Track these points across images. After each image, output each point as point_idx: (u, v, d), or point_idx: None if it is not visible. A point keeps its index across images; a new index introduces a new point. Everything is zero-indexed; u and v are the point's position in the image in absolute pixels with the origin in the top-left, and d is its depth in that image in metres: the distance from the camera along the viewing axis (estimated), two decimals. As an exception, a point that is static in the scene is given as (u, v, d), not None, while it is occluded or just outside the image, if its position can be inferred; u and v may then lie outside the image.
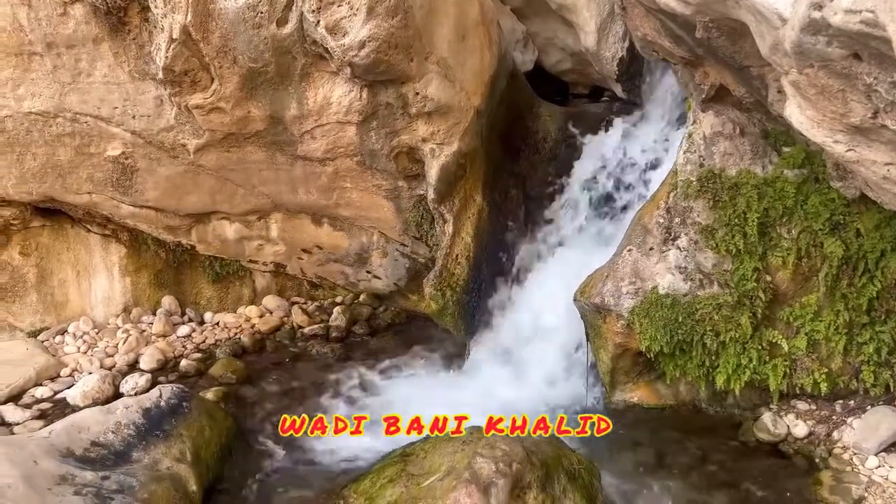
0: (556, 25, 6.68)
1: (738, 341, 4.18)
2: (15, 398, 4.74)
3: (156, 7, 4.24)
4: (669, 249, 4.33)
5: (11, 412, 4.54)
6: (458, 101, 4.92)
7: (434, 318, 5.35)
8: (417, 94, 4.74)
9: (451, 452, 3.54)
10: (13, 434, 4.27)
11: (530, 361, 4.92)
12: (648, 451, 4.19)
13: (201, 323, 5.85)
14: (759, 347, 4.20)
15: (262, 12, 4.28)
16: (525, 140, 5.74)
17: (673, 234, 4.35)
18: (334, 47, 4.37)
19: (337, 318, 5.82)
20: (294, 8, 4.32)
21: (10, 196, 5.04)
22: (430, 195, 5.12)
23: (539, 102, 5.95)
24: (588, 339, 4.70)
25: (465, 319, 5.21)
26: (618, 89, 6.23)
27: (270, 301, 6.04)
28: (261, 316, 5.90)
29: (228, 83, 4.55)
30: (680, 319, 4.19)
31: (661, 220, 4.37)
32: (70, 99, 4.62)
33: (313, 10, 4.28)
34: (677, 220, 4.33)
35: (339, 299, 6.14)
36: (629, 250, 4.44)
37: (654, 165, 5.17)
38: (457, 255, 5.23)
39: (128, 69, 4.56)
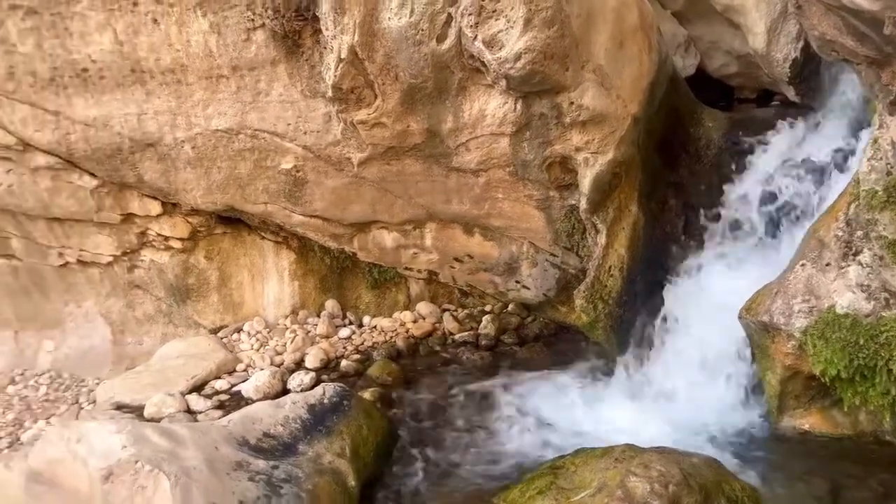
0: (720, 28, 6.37)
1: (931, 369, 3.74)
2: (198, 388, 5.23)
3: (326, 29, 4.54)
4: (849, 265, 3.96)
5: (195, 401, 5.02)
6: (614, 109, 4.82)
7: (584, 331, 5.27)
8: (572, 103, 4.70)
9: (603, 469, 3.47)
10: (197, 421, 4.71)
11: (686, 380, 4.69)
12: (821, 484, 3.84)
13: (360, 326, 6.17)
14: (958, 377, 3.73)
15: (422, 30, 4.45)
16: (685, 147, 5.50)
17: (854, 248, 3.97)
18: (490, 60, 4.45)
19: (486, 326, 5.89)
20: (453, 24, 4.45)
21: (198, 205, 5.60)
22: (583, 205, 5.06)
23: (701, 108, 5.69)
24: (753, 360, 4.41)
25: (616, 333, 5.08)
26: (790, 93, 5.81)
27: (423, 307, 6.23)
28: (414, 321, 6.11)
29: (390, 99, 4.77)
30: (861, 342, 3.82)
31: (840, 234, 4.01)
32: (250, 117, 5.06)
33: (471, 26, 4.39)
34: (859, 233, 3.96)
35: (488, 308, 6.21)
36: (802, 265, 4.12)
37: (830, 174, 4.76)
38: (610, 267, 5.12)
39: (300, 88, 4.92)
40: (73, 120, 4.96)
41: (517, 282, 5.80)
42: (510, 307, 6.08)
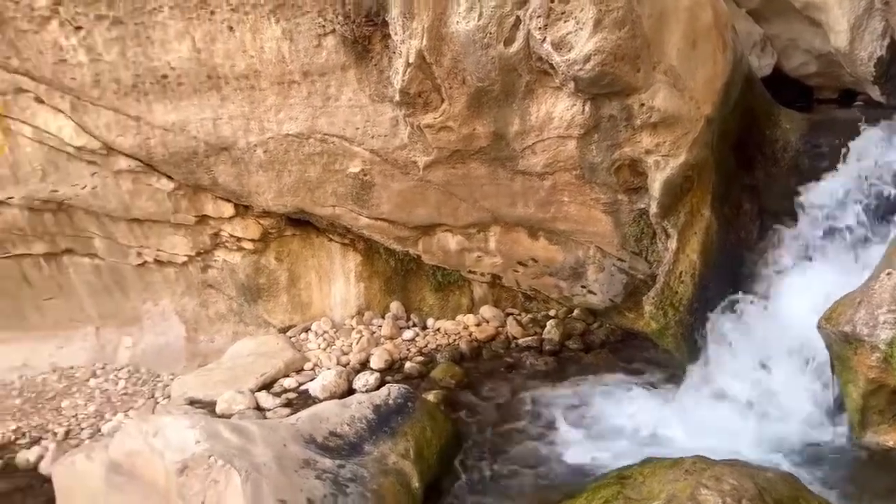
0: (799, 26, 6.14)
1: None
2: (267, 386, 5.37)
3: (395, 34, 4.59)
4: (941, 274, 3.74)
5: (264, 398, 5.15)
6: (686, 110, 4.70)
7: (653, 339, 5.15)
8: (643, 105, 4.61)
9: (673, 480, 3.37)
10: (266, 418, 4.83)
11: (760, 391, 4.52)
12: (906, 503, 3.64)
13: (424, 328, 6.20)
14: None
15: (490, 33, 4.45)
16: (761, 150, 5.32)
17: (946, 256, 3.75)
18: (559, 62, 4.41)
19: (550, 331, 5.82)
20: (521, 27, 4.43)
21: (269, 208, 5.74)
22: (653, 209, 4.95)
23: (778, 109, 5.49)
24: (833, 371, 4.21)
25: (687, 341, 4.94)
26: (874, 93, 5.55)
27: (487, 311, 6.21)
28: (478, 325, 6.10)
29: (457, 103, 4.79)
30: (953, 356, 3.60)
31: (931, 241, 3.79)
32: (320, 122, 5.16)
33: (540, 28, 4.36)
34: (952, 240, 3.73)
35: (552, 313, 6.14)
36: (888, 274, 3.91)
37: (921, 178, 4.52)
38: (680, 273, 4.99)
39: (369, 93, 4.99)
40: (153, 125, 5.17)
41: (583, 287, 5.72)
42: (575, 312, 6.00)
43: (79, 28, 4.71)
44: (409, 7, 4.42)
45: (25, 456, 4.87)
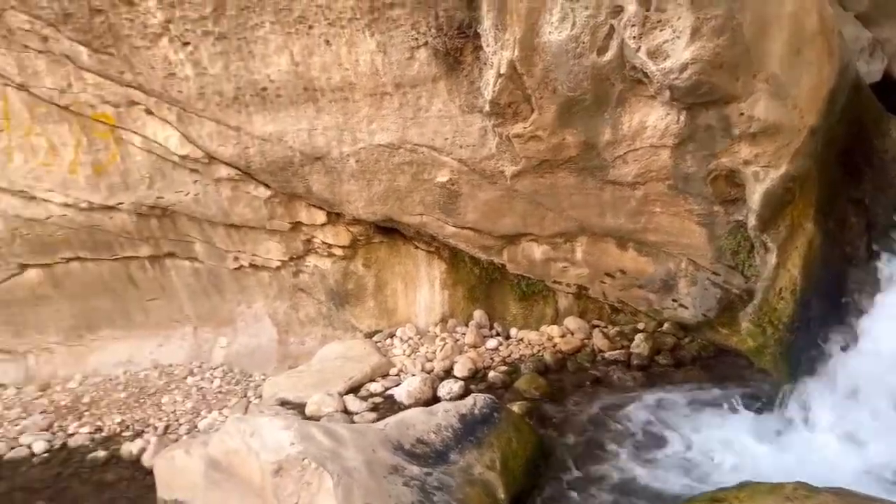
0: (913, 28, 5.78)
1: None
2: (354, 390, 5.48)
3: (487, 46, 4.61)
4: None
5: (352, 402, 5.26)
6: (788, 120, 4.51)
7: (750, 357, 4.93)
8: (742, 114, 4.45)
9: (772, 507, 3.22)
10: (353, 422, 4.93)
11: (869, 415, 4.25)
12: None
13: (507, 337, 6.18)
14: None
15: (583, 42, 4.40)
16: (869, 161, 5.02)
17: None
18: (654, 71, 4.32)
19: (639, 345, 5.68)
20: (615, 36, 4.36)
21: (359, 215, 5.88)
22: (752, 222, 4.76)
23: (888, 118, 5.18)
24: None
25: (787, 361, 4.71)
26: None
27: (572, 322, 6.13)
28: (562, 336, 6.02)
29: (547, 112, 4.76)
30: None
31: None
32: (410, 132, 5.24)
33: (634, 37, 4.28)
34: None
35: (640, 326, 5.99)
36: None
37: None
38: (780, 289, 4.77)
39: (458, 104, 5.03)
40: (252, 135, 5.39)
41: (674, 300, 5.56)
42: (665, 326, 5.83)
43: (187, 44, 4.97)
44: (502, 19, 4.43)
45: (129, 448, 5.16)
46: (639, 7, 4.22)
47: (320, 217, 6.03)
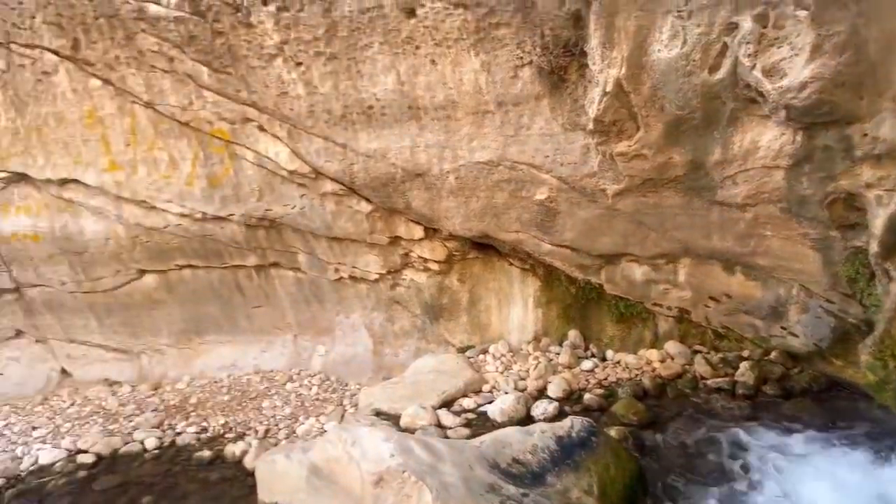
0: None
1: None
2: (447, 404, 5.51)
3: (593, 64, 4.57)
4: None
5: (445, 416, 5.29)
6: (918, 141, 4.22)
7: (868, 392, 4.62)
8: (866, 135, 4.20)
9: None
10: (447, 436, 4.96)
11: None
12: None
13: (603, 359, 6.06)
14: None
15: (694, 60, 4.29)
16: None
17: None
18: (770, 90, 4.15)
19: (744, 373, 5.44)
20: (728, 53, 4.23)
21: (456, 231, 5.93)
22: (873, 248, 4.47)
23: None
24: None
25: (912, 398, 4.39)
26: None
27: (672, 347, 5.95)
28: (662, 360, 5.85)
29: (653, 131, 4.66)
30: None
31: None
32: (511, 150, 5.26)
33: (749, 55, 4.14)
34: None
35: (745, 353, 5.75)
36: None
37: None
38: (905, 321, 4.46)
39: (561, 122, 5.01)
40: (357, 152, 5.55)
41: (783, 328, 5.30)
42: (773, 355, 5.56)
43: (299, 64, 5.19)
44: (609, 37, 4.39)
45: (232, 449, 5.38)
46: (755, 24, 4.08)
47: (418, 232, 6.14)
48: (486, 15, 4.63)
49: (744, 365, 5.48)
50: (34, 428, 6.08)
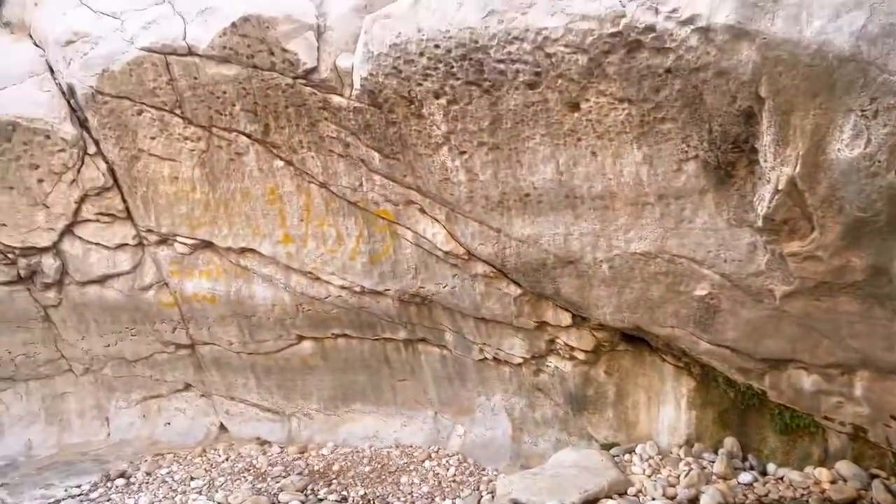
0: None
1: None
2: (589, 503, 5.26)
3: (765, 161, 4.41)
4: None
5: (588, 516, 5.06)
6: None
7: None
8: None
9: None
10: (588, 538, 4.73)
11: None
12: None
13: (763, 473, 5.57)
14: None
15: (879, 161, 4.02)
16: None
17: None
18: (971, 195, 3.79)
19: (935, 508, 4.78)
20: (920, 154, 3.93)
21: (605, 321, 5.80)
22: None
23: None
24: None
25: None
26: None
27: (845, 467, 5.36)
28: (832, 482, 5.28)
29: (829, 232, 4.38)
30: None
31: None
32: (670, 242, 5.12)
33: (946, 156, 3.82)
34: None
35: (936, 484, 5.06)
36: None
37: None
38: None
39: (726, 217, 4.83)
40: (511, 236, 5.66)
41: None
42: (971, 490, 4.86)
43: (463, 152, 5.43)
44: (784, 135, 4.23)
45: (370, 522, 5.43)
46: (953, 124, 3.78)
47: (566, 319, 6.07)
48: (651, 110, 4.64)
49: (935, 498, 4.83)
50: (192, 478, 6.50)
